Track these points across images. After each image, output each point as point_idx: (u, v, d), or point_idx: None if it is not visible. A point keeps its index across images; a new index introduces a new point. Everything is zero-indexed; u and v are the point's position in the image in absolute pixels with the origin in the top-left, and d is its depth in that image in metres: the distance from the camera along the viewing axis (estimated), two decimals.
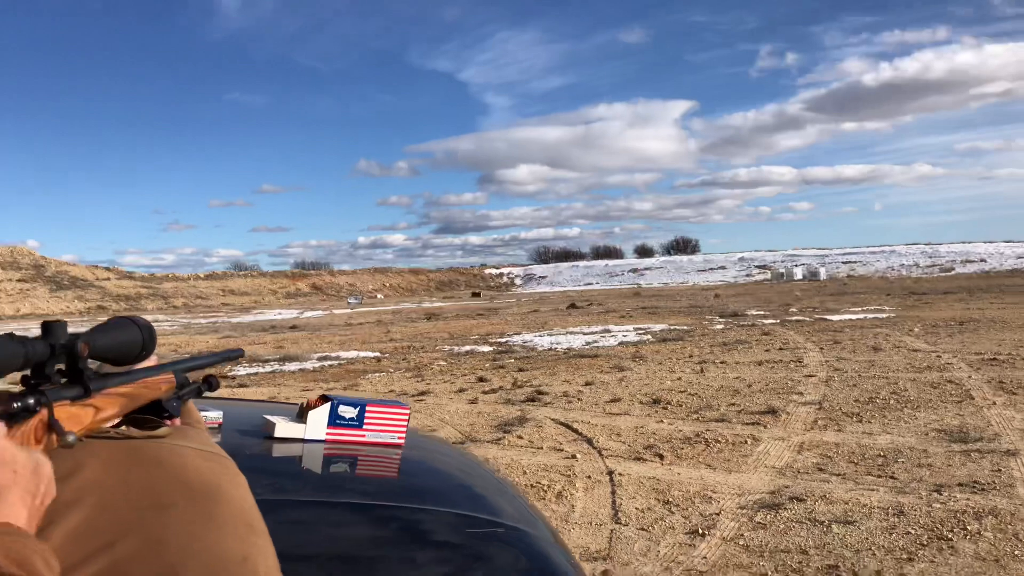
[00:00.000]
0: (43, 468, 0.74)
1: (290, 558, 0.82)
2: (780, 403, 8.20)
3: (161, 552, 0.74)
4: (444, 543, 1.11)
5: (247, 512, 0.84)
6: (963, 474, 5.38)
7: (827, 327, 17.37)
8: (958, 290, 32.89)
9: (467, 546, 1.10)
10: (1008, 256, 66.27)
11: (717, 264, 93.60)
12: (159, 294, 67.61)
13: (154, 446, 0.93)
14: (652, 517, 4.84)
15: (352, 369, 13.59)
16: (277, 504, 0.87)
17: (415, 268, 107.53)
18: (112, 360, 0.94)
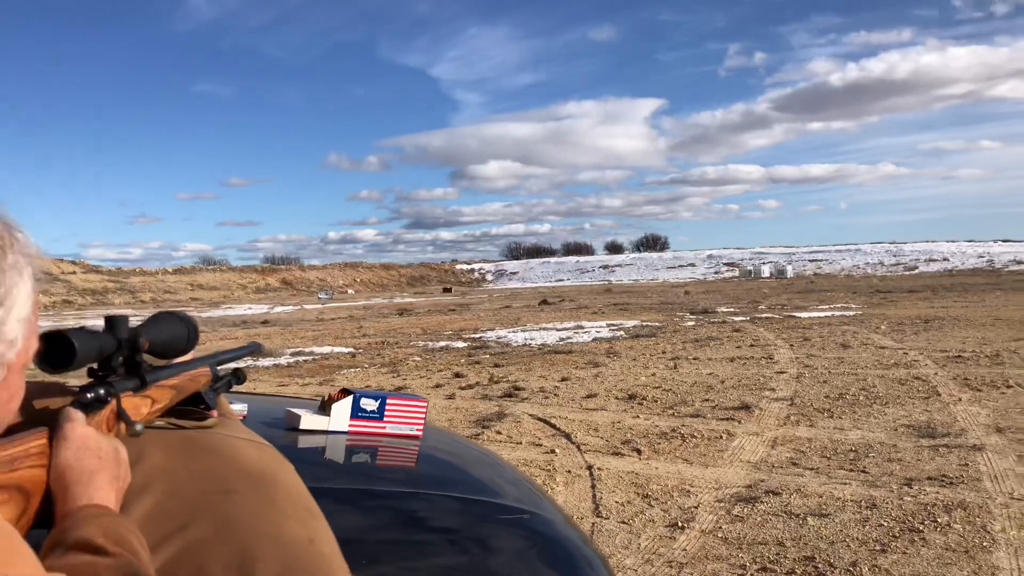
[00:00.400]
0: (121, 454, 0.79)
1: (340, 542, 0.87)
2: (753, 399, 8.34)
3: (232, 534, 0.79)
4: (481, 529, 1.16)
5: (304, 497, 0.90)
6: (932, 468, 5.54)
7: (796, 324, 17.64)
8: (922, 288, 33.51)
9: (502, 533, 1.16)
10: (970, 255, 67.56)
11: (686, 261, 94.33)
12: (126, 288, 66.67)
13: (206, 435, 0.98)
14: (632, 511, 4.93)
15: (327, 364, 13.56)
16: (319, 492, 0.92)
17: (386, 263, 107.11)
18: (160, 354, 0.99)
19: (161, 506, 0.81)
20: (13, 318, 0.68)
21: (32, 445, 0.71)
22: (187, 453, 0.91)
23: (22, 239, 0.71)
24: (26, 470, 0.69)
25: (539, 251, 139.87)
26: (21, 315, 0.69)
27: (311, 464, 1.28)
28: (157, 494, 0.82)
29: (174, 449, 0.91)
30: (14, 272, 0.68)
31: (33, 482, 0.69)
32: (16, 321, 0.69)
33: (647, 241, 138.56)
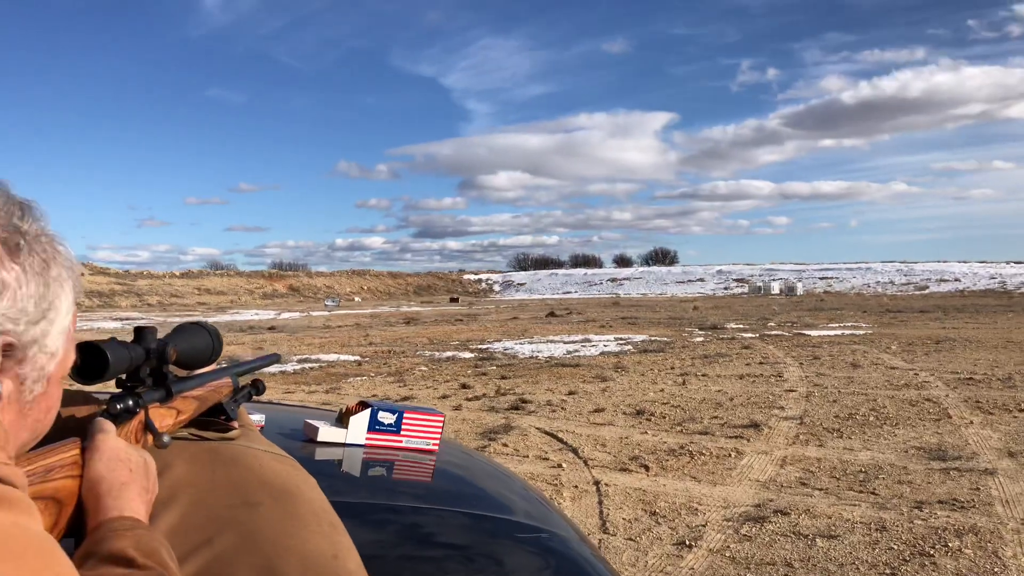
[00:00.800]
0: (150, 465, 0.79)
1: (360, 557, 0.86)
2: (762, 417, 8.29)
3: (257, 548, 0.78)
4: (499, 547, 1.15)
5: (327, 512, 0.88)
6: (943, 492, 5.49)
7: (806, 342, 17.57)
8: (933, 309, 33.37)
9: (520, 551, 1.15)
10: (982, 276, 67.29)
11: (696, 276, 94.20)
12: (133, 291, 66.96)
13: (230, 447, 0.97)
14: (639, 528, 4.89)
15: (333, 372, 13.56)
16: (337, 505, 0.91)
17: (393, 272, 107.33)
18: (185, 365, 0.98)
19: (187, 518, 0.81)
20: (55, 331, 0.69)
21: (67, 456, 0.71)
22: (212, 465, 0.90)
23: (64, 252, 0.71)
24: (60, 480, 0.69)
25: (547, 263, 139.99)
26: (62, 327, 0.70)
27: (329, 477, 1.27)
28: (183, 506, 0.82)
29: (199, 461, 0.91)
30: (57, 285, 0.69)
31: (66, 492, 0.69)
32: (58, 334, 0.69)
33: (656, 255, 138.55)
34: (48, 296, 0.68)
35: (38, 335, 0.67)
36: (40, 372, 0.68)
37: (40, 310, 0.67)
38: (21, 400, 0.68)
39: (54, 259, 0.69)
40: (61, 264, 0.70)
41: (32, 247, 0.67)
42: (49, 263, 0.68)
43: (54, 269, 0.69)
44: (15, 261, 0.65)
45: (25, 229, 0.68)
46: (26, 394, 0.68)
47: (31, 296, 0.66)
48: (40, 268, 0.67)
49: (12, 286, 0.64)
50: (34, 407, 0.69)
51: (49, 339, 0.68)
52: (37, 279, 0.67)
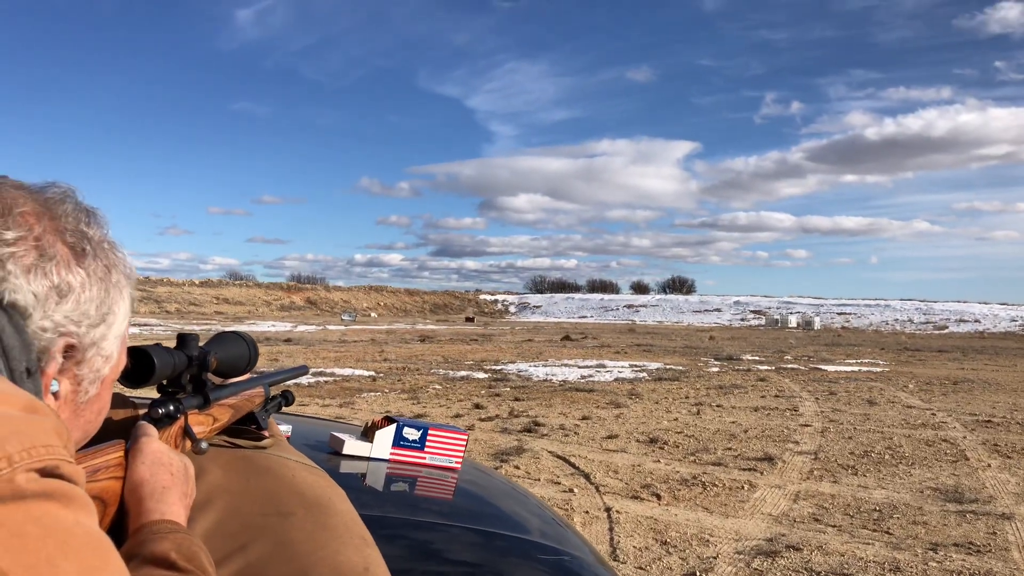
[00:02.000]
0: (190, 471, 0.81)
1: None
2: (776, 451, 8.23)
3: (291, 557, 0.80)
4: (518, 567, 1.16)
5: (358, 524, 0.90)
6: (958, 534, 5.42)
7: (822, 377, 17.43)
8: (952, 349, 33.02)
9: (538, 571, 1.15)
10: (1002, 318, 66.57)
11: (712, 306, 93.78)
12: (153, 298, 67.39)
13: (263, 456, 0.99)
14: (650, 556, 4.86)
15: (347, 387, 13.59)
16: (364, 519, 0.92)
17: (410, 289, 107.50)
18: (223, 373, 1.00)
19: (222, 524, 0.82)
20: (112, 335, 0.71)
21: (112, 457, 0.73)
22: (246, 473, 0.92)
23: (123, 259, 0.74)
24: (105, 481, 0.71)
25: (564, 286, 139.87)
26: (119, 332, 0.73)
27: (354, 490, 1.29)
28: (218, 512, 0.83)
29: (233, 468, 0.92)
30: (116, 291, 0.72)
31: (110, 493, 0.71)
32: (115, 338, 0.72)
33: (673, 283, 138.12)
34: (108, 301, 0.70)
35: (97, 338, 0.69)
36: (96, 374, 0.71)
37: (100, 314, 0.69)
38: (76, 401, 0.70)
39: (115, 266, 0.72)
40: (121, 271, 0.73)
41: (96, 253, 0.70)
42: (111, 269, 0.71)
43: (115, 275, 0.72)
44: (81, 265, 0.68)
45: (91, 235, 0.70)
46: (81, 395, 0.70)
47: (93, 300, 0.69)
48: (103, 274, 0.70)
49: (77, 289, 0.67)
50: (87, 408, 0.72)
51: (107, 343, 0.71)
52: (100, 284, 0.69)
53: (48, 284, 0.65)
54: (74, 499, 0.55)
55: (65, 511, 0.53)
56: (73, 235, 0.68)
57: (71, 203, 0.70)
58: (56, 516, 0.52)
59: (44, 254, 0.65)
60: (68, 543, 0.52)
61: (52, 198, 0.69)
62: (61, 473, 0.55)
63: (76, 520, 0.54)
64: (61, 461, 0.56)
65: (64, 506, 0.54)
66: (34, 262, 0.64)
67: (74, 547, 0.52)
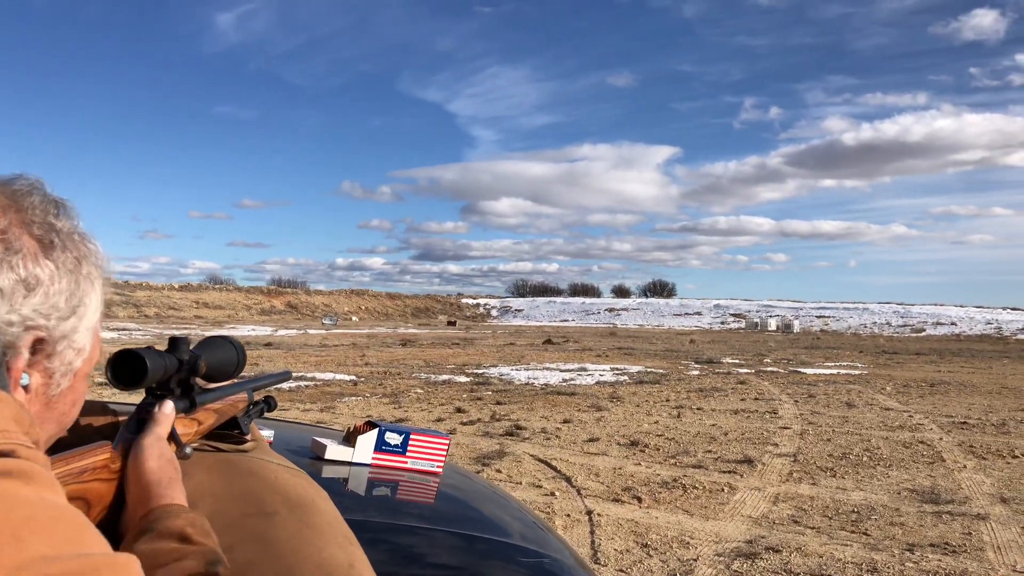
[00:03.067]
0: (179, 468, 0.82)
1: None
2: (756, 453, 8.29)
3: (276, 556, 0.81)
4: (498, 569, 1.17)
5: (341, 524, 0.91)
6: (935, 535, 5.49)
7: (801, 380, 17.57)
8: (929, 352, 33.37)
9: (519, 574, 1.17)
10: (978, 321, 67.31)
11: (693, 309, 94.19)
12: (131, 302, 66.76)
13: (245, 459, 1.00)
14: (631, 559, 4.89)
15: (328, 391, 13.54)
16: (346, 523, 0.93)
17: (392, 293, 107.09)
18: (211, 377, 1.01)
19: None
20: (84, 327, 0.71)
21: (99, 459, 0.73)
22: (229, 475, 0.93)
23: (95, 250, 0.73)
24: (91, 483, 0.72)
25: (546, 290, 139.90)
26: (90, 324, 0.72)
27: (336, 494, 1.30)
28: (202, 514, 0.84)
29: (216, 471, 0.93)
30: (87, 283, 0.71)
31: (95, 494, 0.72)
32: (86, 330, 0.71)
33: (654, 287, 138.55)
34: (79, 293, 0.70)
35: (68, 331, 0.69)
36: (68, 367, 0.71)
37: (71, 307, 0.69)
38: (48, 394, 0.70)
39: (86, 257, 0.72)
40: (92, 263, 0.72)
41: (66, 245, 0.69)
42: (81, 261, 0.71)
43: (85, 267, 0.71)
44: (49, 258, 0.67)
45: (59, 227, 0.70)
46: (53, 388, 0.70)
47: (62, 292, 0.68)
48: (72, 266, 0.69)
49: (45, 283, 0.66)
50: (60, 401, 0.71)
51: (78, 335, 0.70)
52: (69, 276, 0.69)
53: (15, 278, 0.64)
54: (34, 476, 0.55)
55: (27, 488, 0.53)
56: (41, 227, 0.68)
57: (38, 195, 0.70)
58: (17, 493, 0.52)
59: (10, 247, 0.64)
60: (34, 518, 0.51)
61: (19, 190, 0.69)
62: (18, 456, 0.55)
63: (40, 496, 0.53)
64: (18, 446, 0.55)
65: (25, 483, 0.53)
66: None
67: (41, 521, 0.51)
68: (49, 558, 0.49)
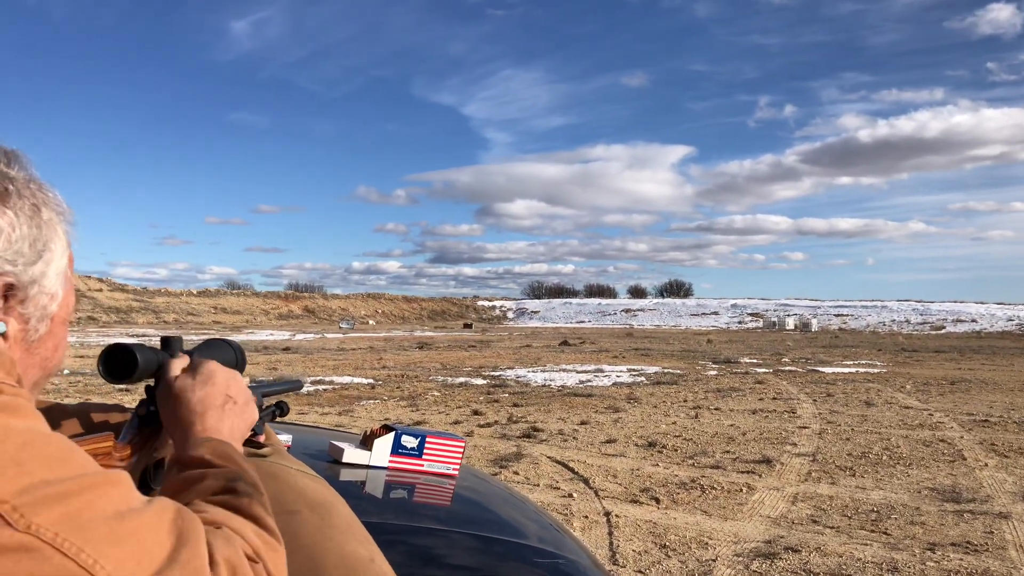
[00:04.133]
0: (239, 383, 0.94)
1: None
2: (774, 453, 8.26)
3: (299, 550, 0.83)
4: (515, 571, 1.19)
5: (359, 525, 0.94)
6: (956, 534, 5.45)
7: (819, 379, 17.47)
8: (949, 349, 33.08)
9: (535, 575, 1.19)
10: (999, 318, 66.65)
11: (710, 309, 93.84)
12: (151, 308, 67.35)
13: (264, 464, 1.02)
14: (649, 560, 4.89)
15: (346, 395, 13.61)
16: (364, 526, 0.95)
17: (408, 296, 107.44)
18: None
19: None
20: (52, 272, 0.73)
21: (100, 446, 0.76)
22: None
23: (54, 197, 0.75)
24: None
25: (561, 291, 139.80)
26: (59, 269, 0.74)
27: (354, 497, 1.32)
28: None
29: None
30: (49, 228, 0.73)
31: None
32: (55, 275, 0.73)
33: (671, 287, 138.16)
34: (42, 238, 0.71)
35: (37, 275, 0.71)
36: (43, 311, 0.72)
37: (36, 251, 0.71)
38: (26, 339, 0.72)
39: (45, 203, 0.73)
40: (52, 208, 0.74)
41: (21, 192, 0.71)
42: (40, 207, 0.72)
43: (45, 212, 0.72)
44: (6, 206, 0.69)
45: (13, 175, 0.71)
46: (31, 333, 0.72)
47: (25, 238, 0.70)
48: (31, 212, 0.71)
49: (6, 230, 0.68)
50: (40, 345, 0.73)
51: (47, 280, 0.72)
52: (29, 222, 0.70)
53: None
54: (20, 408, 0.58)
55: (15, 419, 0.56)
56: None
57: None
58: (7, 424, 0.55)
59: None
60: (30, 443, 0.55)
61: None
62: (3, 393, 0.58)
63: (28, 426, 0.56)
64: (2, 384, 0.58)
65: (12, 415, 0.56)
66: None
67: (37, 445, 0.55)
68: (49, 480, 0.54)
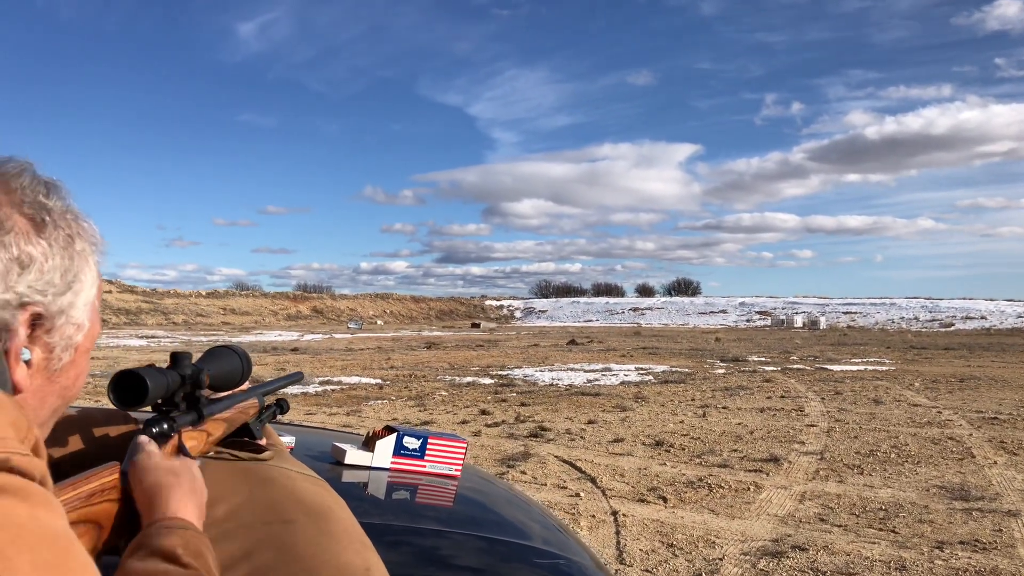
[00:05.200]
0: (194, 469, 0.84)
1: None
2: (782, 451, 8.25)
3: (295, 561, 0.83)
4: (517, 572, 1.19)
5: (358, 531, 0.94)
6: (964, 532, 5.43)
7: (828, 377, 17.42)
8: (958, 346, 32.93)
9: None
10: (1009, 315, 66.29)
11: (718, 307, 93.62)
12: (160, 309, 67.57)
13: (264, 467, 1.03)
14: (656, 559, 4.89)
15: (354, 395, 13.63)
16: (365, 527, 0.96)
17: (416, 296, 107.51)
18: (216, 388, 1.03)
19: (227, 534, 0.85)
20: (81, 302, 0.73)
21: (107, 480, 0.74)
22: (248, 483, 0.96)
23: (88, 227, 0.76)
24: (100, 504, 0.72)
25: (569, 290, 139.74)
26: (87, 299, 0.74)
27: (356, 499, 1.33)
28: (222, 522, 0.87)
29: (236, 479, 0.96)
30: (81, 259, 0.73)
31: (106, 516, 0.73)
32: (83, 305, 0.74)
33: (678, 285, 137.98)
34: (73, 269, 0.72)
35: (65, 306, 0.71)
36: (68, 341, 0.72)
37: (66, 282, 0.71)
38: (49, 368, 0.71)
39: (79, 234, 0.74)
40: (86, 239, 0.74)
41: (57, 223, 0.71)
42: (74, 238, 0.73)
43: (79, 243, 0.73)
44: (41, 236, 0.69)
45: (51, 206, 0.72)
46: (54, 363, 0.72)
47: (57, 269, 0.70)
48: (65, 243, 0.71)
49: (39, 260, 0.68)
50: (62, 375, 0.73)
51: (75, 310, 0.72)
52: (63, 253, 0.71)
53: (7, 256, 0.66)
54: (31, 494, 0.55)
55: (21, 505, 0.53)
56: (31, 207, 0.70)
57: (28, 176, 0.72)
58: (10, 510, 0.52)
59: (2, 227, 0.66)
60: (22, 537, 0.51)
61: (8, 172, 0.71)
62: (12, 466, 0.54)
63: (32, 514, 0.53)
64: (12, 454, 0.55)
65: (21, 500, 0.53)
66: None
67: (29, 541, 0.52)
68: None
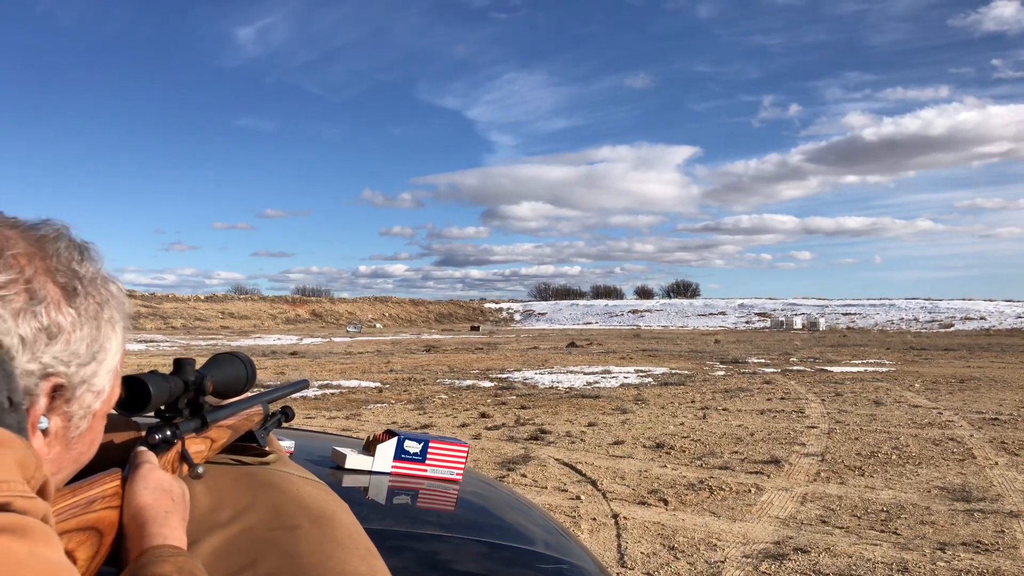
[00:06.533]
0: (186, 496, 0.82)
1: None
2: (783, 453, 8.23)
3: (299, 569, 0.82)
4: None
5: (362, 536, 0.92)
6: (966, 533, 5.42)
7: (828, 378, 17.41)
8: (958, 347, 32.93)
9: None
10: (1008, 315, 66.32)
11: (717, 309, 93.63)
12: (158, 314, 67.51)
13: (267, 472, 1.01)
14: (657, 562, 4.87)
15: (354, 398, 13.61)
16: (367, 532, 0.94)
17: (415, 299, 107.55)
18: (220, 394, 1.01)
19: (231, 541, 0.84)
20: (104, 370, 0.71)
21: (108, 487, 0.73)
22: (252, 489, 0.94)
23: (116, 292, 0.74)
24: (101, 511, 0.71)
25: (568, 293, 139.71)
26: (111, 367, 0.73)
27: (356, 503, 1.31)
28: (227, 528, 0.85)
29: (239, 485, 0.95)
30: (108, 327, 0.72)
31: (107, 523, 0.72)
32: (106, 373, 0.72)
33: (678, 287, 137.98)
34: (99, 338, 0.70)
35: (87, 376, 0.69)
36: (87, 410, 0.71)
37: (91, 352, 0.69)
38: (67, 436, 0.70)
39: (107, 302, 0.72)
40: (114, 307, 0.73)
41: (88, 291, 0.70)
42: (103, 306, 0.71)
43: (107, 311, 0.72)
44: (71, 305, 0.67)
45: (83, 273, 0.70)
46: (72, 431, 0.70)
47: (84, 339, 0.68)
48: (95, 311, 0.70)
49: (67, 330, 0.67)
50: (79, 442, 0.72)
51: (97, 379, 0.71)
52: (91, 322, 0.69)
53: (37, 326, 0.64)
54: (30, 531, 0.53)
55: (19, 543, 0.52)
56: (64, 275, 0.68)
57: (64, 241, 0.70)
58: (7, 547, 0.51)
59: (34, 296, 0.65)
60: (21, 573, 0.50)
61: (45, 236, 0.69)
62: (13, 508, 0.53)
63: (30, 551, 0.52)
64: (14, 497, 0.54)
65: (19, 538, 0.52)
66: (23, 305, 0.64)
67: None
68: None
